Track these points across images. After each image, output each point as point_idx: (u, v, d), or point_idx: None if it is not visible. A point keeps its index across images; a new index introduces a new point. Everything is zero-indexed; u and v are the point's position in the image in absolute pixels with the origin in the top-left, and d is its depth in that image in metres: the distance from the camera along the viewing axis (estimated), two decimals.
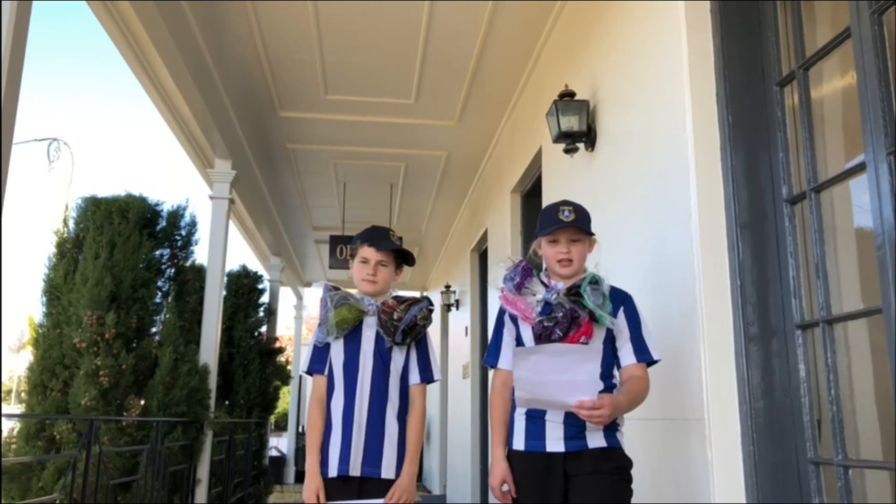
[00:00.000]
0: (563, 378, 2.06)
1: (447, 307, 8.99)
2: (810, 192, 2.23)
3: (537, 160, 4.68)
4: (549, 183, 4.35)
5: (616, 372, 2.32)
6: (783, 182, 2.38)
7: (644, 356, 2.28)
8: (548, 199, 4.31)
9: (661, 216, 2.73)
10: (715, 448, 2.28)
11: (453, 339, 9.10)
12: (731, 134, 2.47)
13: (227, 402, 8.11)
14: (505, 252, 5.69)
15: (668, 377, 2.51)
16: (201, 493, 5.46)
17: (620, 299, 2.33)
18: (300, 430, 12.75)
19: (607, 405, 2.06)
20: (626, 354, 2.29)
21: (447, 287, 9.07)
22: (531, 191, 5.23)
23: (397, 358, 2.60)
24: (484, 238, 6.89)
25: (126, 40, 4.57)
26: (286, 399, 15.20)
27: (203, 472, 5.50)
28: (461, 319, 8.38)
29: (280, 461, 12.38)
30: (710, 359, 2.35)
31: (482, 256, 7.38)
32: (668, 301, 2.61)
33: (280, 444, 14.40)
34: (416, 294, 7.45)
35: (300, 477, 11.39)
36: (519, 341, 2.38)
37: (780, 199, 2.38)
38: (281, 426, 17.59)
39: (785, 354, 2.30)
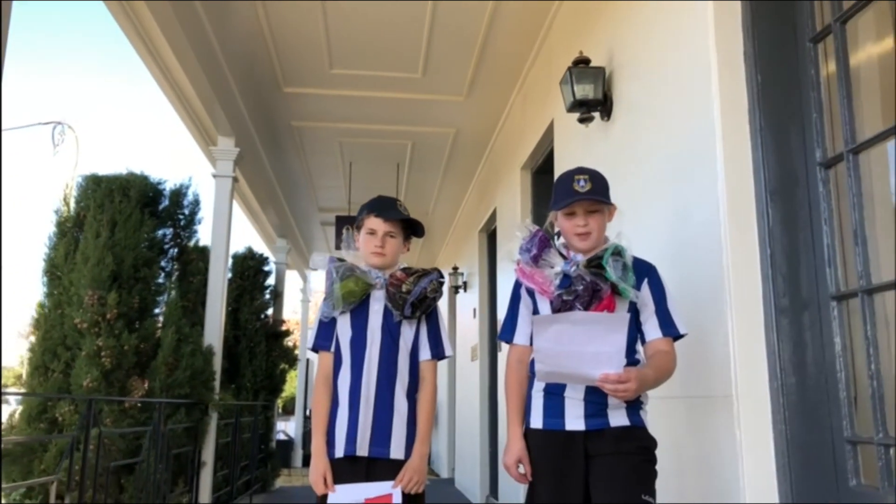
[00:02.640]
0: (587, 349, 1.93)
1: (455, 289, 8.87)
2: (848, 154, 2.08)
3: (549, 134, 4.53)
4: (562, 156, 4.20)
5: (640, 347, 2.19)
6: (817, 145, 2.23)
7: (670, 330, 2.14)
8: (560, 173, 4.15)
9: (684, 183, 2.59)
10: (744, 427, 2.15)
11: (461, 321, 8.98)
12: (761, 94, 2.33)
13: (233, 385, 8.04)
14: (514, 231, 5.55)
15: (693, 352, 2.37)
16: (206, 476, 5.38)
17: (644, 270, 2.19)
18: (307, 413, 12.71)
19: (634, 379, 1.93)
20: (652, 328, 2.16)
21: (455, 269, 8.95)
22: (542, 167, 5.08)
23: (406, 333, 2.47)
24: (493, 218, 6.75)
25: (128, 16, 4.44)
26: (293, 383, 15.17)
27: (208, 454, 5.42)
28: (469, 301, 8.26)
29: (287, 445, 12.35)
30: (739, 332, 2.22)
31: (491, 237, 7.25)
32: (693, 272, 2.47)
33: (288, 427, 14.38)
34: None
35: (308, 460, 11.26)
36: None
37: (813, 163, 2.23)
38: (289, 410, 17.58)
39: (818, 327, 2.16)
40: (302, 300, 13.37)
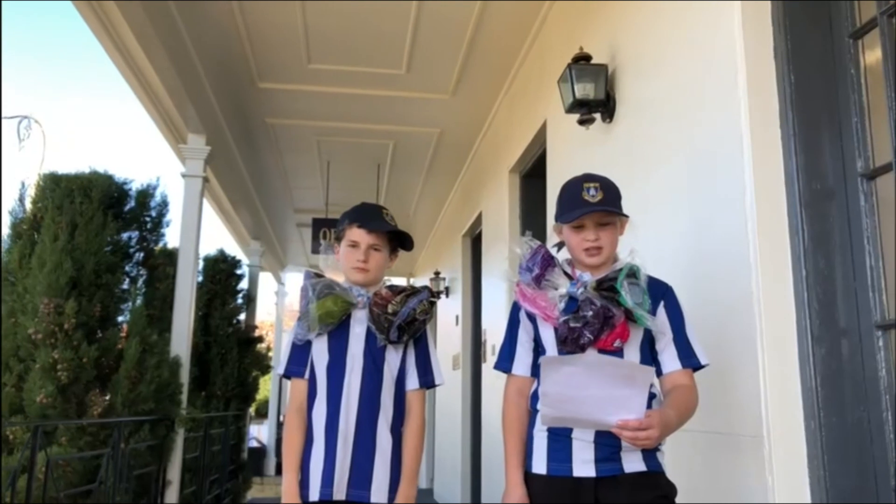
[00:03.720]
0: (602, 393, 1.66)
1: (437, 294, 8.59)
2: None
3: (541, 135, 4.26)
4: (556, 160, 3.93)
5: (654, 380, 1.92)
6: (858, 154, 1.98)
7: (690, 361, 1.88)
8: (554, 178, 3.90)
9: (705, 195, 2.33)
10: (777, 472, 1.90)
11: (443, 328, 8.70)
12: (794, 96, 2.08)
13: (203, 394, 7.69)
14: (501, 237, 5.29)
15: (716, 384, 2.11)
16: (172, 495, 5.04)
17: (660, 292, 1.92)
18: (281, 419, 12.35)
19: (657, 425, 1.67)
20: (669, 359, 1.89)
21: (436, 274, 8.66)
22: (532, 170, 4.81)
23: (392, 359, 2.19)
24: (478, 222, 6.48)
25: (92, 8, 4.11)
26: (267, 385, 14.78)
27: (174, 473, 5.07)
28: (452, 308, 7.98)
29: (260, 452, 11.97)
30: (770, 364, 1.96)
31: (475, 241, 6.98)
32: (716, 294, 2.21)
33: (260, 432, 13.99)
34: (403, 281, 6.96)
35: (281, 468, 10.95)
36: (538, 343, 1.98)
37: (853, 174, 1.99)
38: (262, 413, 17.14)
39: (860, 360, 1.92)
40: (276, 303, 12.99)
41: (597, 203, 1.89)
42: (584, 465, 1.83)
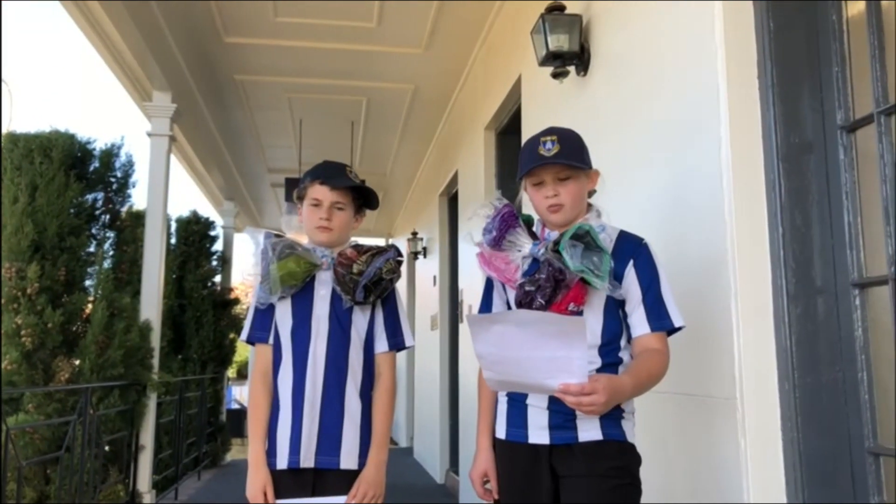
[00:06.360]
0: (539, 354, 1.53)
1: (414, 255, 8.51)
2: (878, 116, 1.75)
3: (516, 91, 4.15)
4: (531, 116, 3.83)
5: (623, 343, 1.84)
6: (838, 105, 1.90)
7: (662, 323, 1.76)
8: (529, 134, 3.78)
9: (679, 148, 2.24)
10: (750, 435, 1.85)
11: (421, 289, 8.65)
12: (773, 44, 1.98)
13: (179, 357, 7.62)
14: (477, 196, 5.20)
15: (688, 345, 2.05)
16: (145, 461, 4.98)
17: (630, 249, 1.81)
18: None
19: (601, 390, 1.53)
20: (639, 321, 1.77)
21: (414, 234, 8.57)
22: (508, 127, 4.71)
23: (359, 321, 2.12)
24: (454, 181, 6.37)
25: None
26: (247, 347, 14.71)
27: (147, 437, 5.01)
28: (429, 268, 7.92)
29: (241, 414, 11.95)
30: (745, 324, 1.90)
31: (452, 200, 6.88)
32: (690, 252, 2.14)
33: (242, 393, 13.97)
34: (381, 242, 6.85)
35: None
36: (510, 306, 1.90)
37: (832, 126, 1.91)
38: (244, 375, 17.12)
39: (835, 319, 1.87)
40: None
41: (552, 156, 1.77)
42: (538, 431, 1.76)
